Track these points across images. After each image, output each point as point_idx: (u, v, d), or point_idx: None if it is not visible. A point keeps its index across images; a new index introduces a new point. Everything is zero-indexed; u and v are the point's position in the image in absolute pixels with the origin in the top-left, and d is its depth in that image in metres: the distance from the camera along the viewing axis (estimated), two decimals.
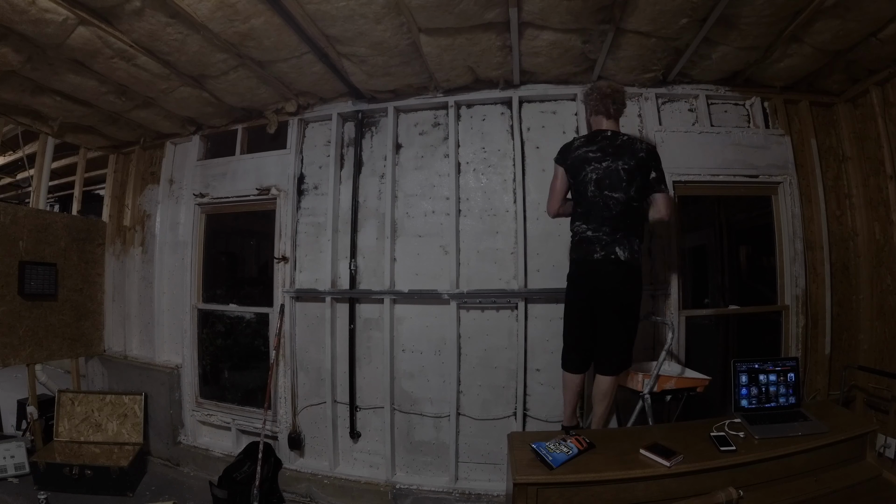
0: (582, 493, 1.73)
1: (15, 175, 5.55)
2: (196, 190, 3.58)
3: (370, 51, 2.53)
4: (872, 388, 2.75)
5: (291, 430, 3.18)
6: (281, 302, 3.21)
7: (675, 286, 2.76)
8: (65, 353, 3.63)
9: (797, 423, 2.04)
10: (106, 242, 4.00)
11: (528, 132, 2.99)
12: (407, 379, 3.03)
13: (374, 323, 3.10)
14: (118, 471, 3.05)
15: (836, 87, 2.92)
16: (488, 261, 2.96)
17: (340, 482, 3.01)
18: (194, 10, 2.13)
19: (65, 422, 3.45)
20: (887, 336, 2.74)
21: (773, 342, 2.91)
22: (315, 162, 3.32)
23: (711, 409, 2.47)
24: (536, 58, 2.64)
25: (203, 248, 3.65)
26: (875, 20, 2.22)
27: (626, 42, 2.47)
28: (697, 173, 2.86)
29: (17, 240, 3.26)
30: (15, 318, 3.22)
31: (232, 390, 3.60)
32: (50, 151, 3.74)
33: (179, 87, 2.91)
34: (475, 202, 3.02)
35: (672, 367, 2.48)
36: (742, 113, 3.01)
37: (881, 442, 2.32)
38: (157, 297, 3.69)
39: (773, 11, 2.17)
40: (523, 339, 2.83)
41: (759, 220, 3.06)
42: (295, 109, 3.25)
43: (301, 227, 3.29)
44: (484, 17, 2.24)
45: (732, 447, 1.86)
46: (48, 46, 2.37)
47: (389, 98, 3.13)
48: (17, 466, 3.15)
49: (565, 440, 1.90)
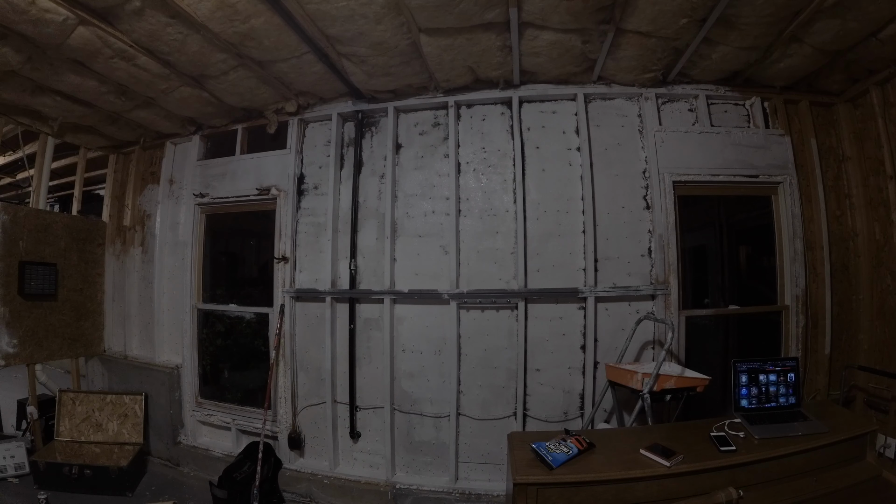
0: (582, 493, 1.73)
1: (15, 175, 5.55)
2: (196, 190, 3.58)
3: (370, 51, 2.53)
4: (872, 388, 2.75)
5: (291, 430, 3.18)
6: (281, 302, 3.21)
7: (675, 286, 2.76)
8: (65, 353, 3.63)
9: (797, 423, 2.05)
10: (106, 242, 4.01)
11: (528, 132, 2.99)
12: (407, 379, 3.03)
13: (374, 323, 3.10)
14: (118, 471, 3.05)
15: (836, 87, 2.93)
16: (488, 261, 2.96)
17: (340, 482, 3.01)
18: (194, 10, 2.13)
19: (66, 421, 3.45)
20: (887, 336, 2.74)
21: (773, 342, 2.91)
22: (315, 162, 3.32)
23: (711, 409, 2.47)
24: (536, 58, 2.64)
25: (203, 248, 3.65)
26: (875, 20, 2.22)
27: (626, 42, 2.47)
28: (697, 173, 2.86)
29: (17, 240, 3.26)
30: (15, 318, 3.22)
31: (232, 390, 3.60)
32: (50, 151, 3.74)
33: (179, 87, 2.91)
34: (475, 202, 3.02)
35: (672, 366, 2.48)
36: (742, 113, 3.01)
37: (881, 442, 2.32)
38: (157, 297, 3.70)
39: (773, 11, 2.17)
40: (523, 339, 2.83)
41: (759, 220, 3.06)
42: (295, 109, 3.26)
43: (301, 227, 3.29)
44: (484, 17, 2.24)
45: (732, 447, 1.86)
46: (48, 46, 2.37)
47: (389, 98, 3.13)
48: (17, 466, 3.15)
49: (565, 440, 1.90)
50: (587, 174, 2.86)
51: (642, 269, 2.83)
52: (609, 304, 2.82)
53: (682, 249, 2.82)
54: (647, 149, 2.87)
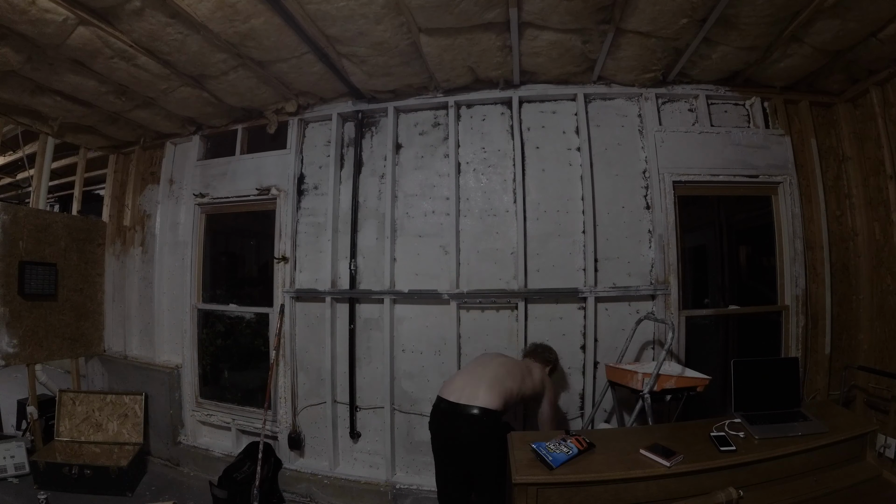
0: (582, 493, 1.73)
1: (15, 175, 5.55)
2: (196, 190, 3.58)
3: (370, 51, 2.53)
4: (872, 388, 2.75)
5: (291, 430, 3.18)
6: (281, 302, 3.21)
7: (675, 286, 2.76)
8: (65, 353, 3.63)
9: (797, 423, 2.05)
10: (106, 242, 4.00)
11: (528, 132, 2.99)
12: (407, 379, 3.03)
13: (374, 323, 3.10)
14: (118, 471, 3.05)
15: (836, 87, 2.92)
16: (488, 261, 2.96)
17: (340, 482, 3.01)
18: (194, 10, 2.13)
19: (66, 421, 3.45)
20: (887, 336, 2.74)
21: (774, 342, 2.91)
22: (315, 162, 3.32)
23: (711, 409, 2.47)
24: (536, 58, 2.64)
25: (203, 248, 3.64)
26: (875, 20, 2.22)
27: (626, 42, 2.47)
28: (697, 173, 2.86)
29: (17, 240, 3.26)
30: (15, 318, 3.22)
31: (232, 390, 3.60)
32: (50, 151, 3.74)
33: (179, 87, 2.91)
34: (475, 202, 3.02)
35: (672, 366, 2.48)
36: (742, 113, 3.01)
37: (881, 442, 2.32)
38: (157, 297, 3.69)
39: (773, 11, 2.17)
40: (523, 339, 2.83)
41: (759, 220, 3.06)
42: (295, 109, 3.25)
43: (301, 227, 3.29)
44: (484, 17, 2.24)
45: (732, 447, 1.86)
46: (48, 46, 2.37)
47: (389, 98, 3.13)
48: (17, 466, 3.15)
49: (565, 440, 1.90)
50: (587, 174, 2.85)
51: (642, 269, 2.83)
52: (609, 304, 2.82)
53: (682, 249, 2.82)
54: (647, 149, 2.87)
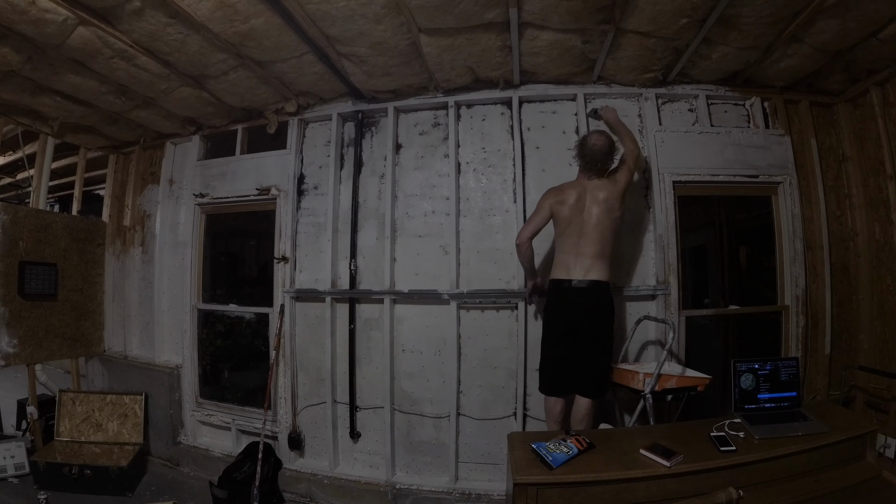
0: (582, 493, 1.73)
1: (15, 175, 5.55)
2: (196, 190, 3.58)
3: (370, 51, 2.53)
4: (872, 388, 2.75)
5: (291, 431, 3.18)
6: (281, 302, 3.21)
7: (675, 286, 2.76)
8: (65, 353, 3.63)
9: (797, 423, 2.05)
10: (106, 242, 4.00)
11: (528, 132, 2.99)
12: (407, 379, 3.03)
13: (374, 323, 3.10)
14: (118, 471, 3.05)
15: (836, 87, 2.92)
16: (488, 261, 2.96)
17: (340, 482, 3.01)
18: (194, 10, 2.13)
19: (66, 421, 3.45)
20: (887, 336, 2.74)
21: (774, 342, 2.91)
22: (315, 162, 3.31)
23: (711, 409, 2.47)
24: (536, 58, 2.64)
25: (203, 248, 3.64)
26: (875, 20, 2.22)
27: (626, 42, 2.47)
28: (697, 173, 2.86)
29: (17, 240, 3.26)
30: (15, 318, 3.21)
31: (232, 390, 3.60)
32: (50, 151, 3.74)
33: (179, 87, 2.91)
34: (475, 202, 3.02)
35: (673, 366, 2.48)
36: (742, 113, 3.00)
37: (881, 442, 2.32)
38: (157, 297, 3.69)
39: (773, 11, 2.16)
40: (523, 339, 2.83)
41: (759, 220, 3.05)
42: (295, 109, 3.25)
43: (301, 227, 3.29)
44: (484, 17, 2.24)
45: (732, 447, 1.86)
46: (48, 46, 2.37)
47: (389, 98, 3.12)
48: (17, 466, 3.15)
49: (565, 440, 1.90)
50: None
51: (642, 269, 2.83)
52: None
53: (682, 249, 2.82)
54: (647, 149, 2.87)
